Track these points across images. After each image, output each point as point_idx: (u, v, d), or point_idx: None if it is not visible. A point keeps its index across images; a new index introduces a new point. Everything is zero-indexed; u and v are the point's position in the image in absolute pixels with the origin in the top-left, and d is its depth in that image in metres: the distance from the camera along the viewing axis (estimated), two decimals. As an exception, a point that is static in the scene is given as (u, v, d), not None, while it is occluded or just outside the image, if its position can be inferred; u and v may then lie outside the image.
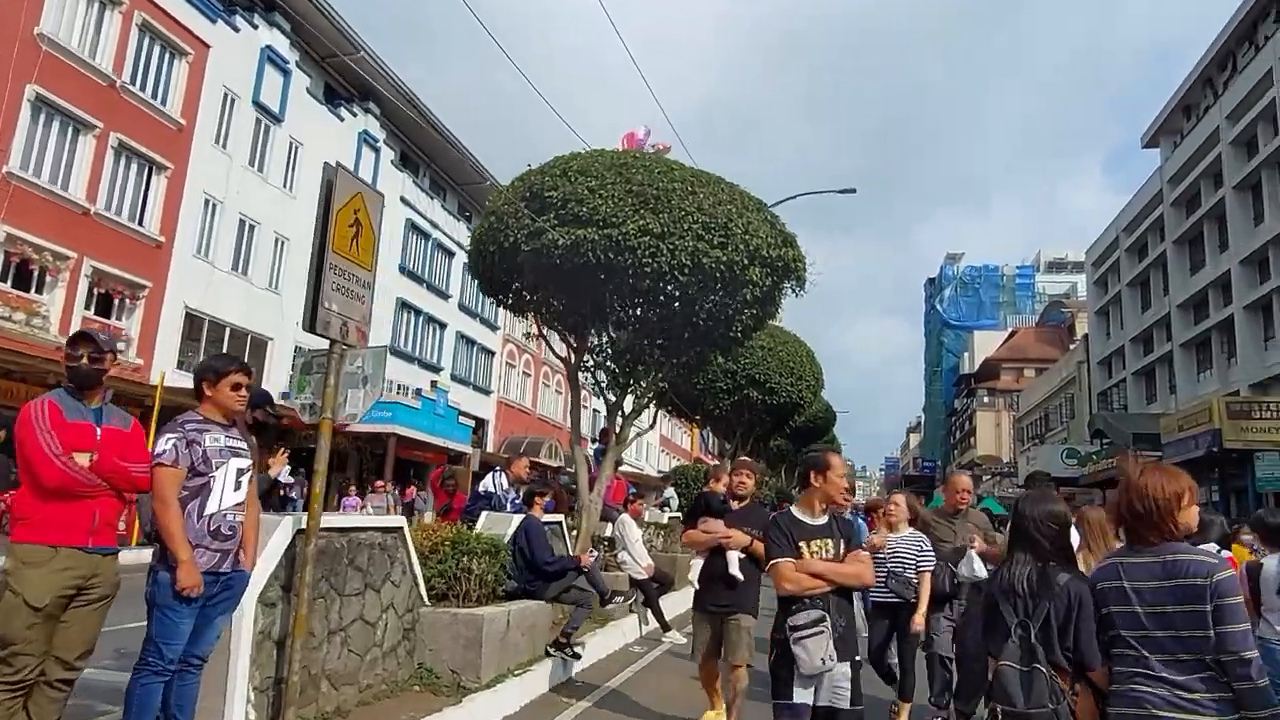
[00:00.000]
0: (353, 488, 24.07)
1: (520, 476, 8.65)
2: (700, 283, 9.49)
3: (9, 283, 18.84)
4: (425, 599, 6.19)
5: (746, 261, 9.52)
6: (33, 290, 19.38)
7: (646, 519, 13.10)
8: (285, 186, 27.34)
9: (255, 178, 26.13)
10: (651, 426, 13.28)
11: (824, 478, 4.08)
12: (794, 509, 4.16)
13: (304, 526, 4.56)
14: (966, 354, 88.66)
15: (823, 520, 4.05)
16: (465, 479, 8.16)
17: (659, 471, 56.23)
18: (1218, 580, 2.66)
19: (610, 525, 11.02)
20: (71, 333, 5.51)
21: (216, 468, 4.00)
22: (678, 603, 10.94)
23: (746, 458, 11.14)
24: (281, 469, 6.63)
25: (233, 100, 25.31)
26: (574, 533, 9.92)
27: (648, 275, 9.24)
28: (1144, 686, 2.73)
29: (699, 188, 9.50)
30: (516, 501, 8.52)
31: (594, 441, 13.09)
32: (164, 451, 3.87)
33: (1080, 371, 44.33)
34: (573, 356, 11.05)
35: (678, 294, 9.75)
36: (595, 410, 37.79)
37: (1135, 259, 38.26)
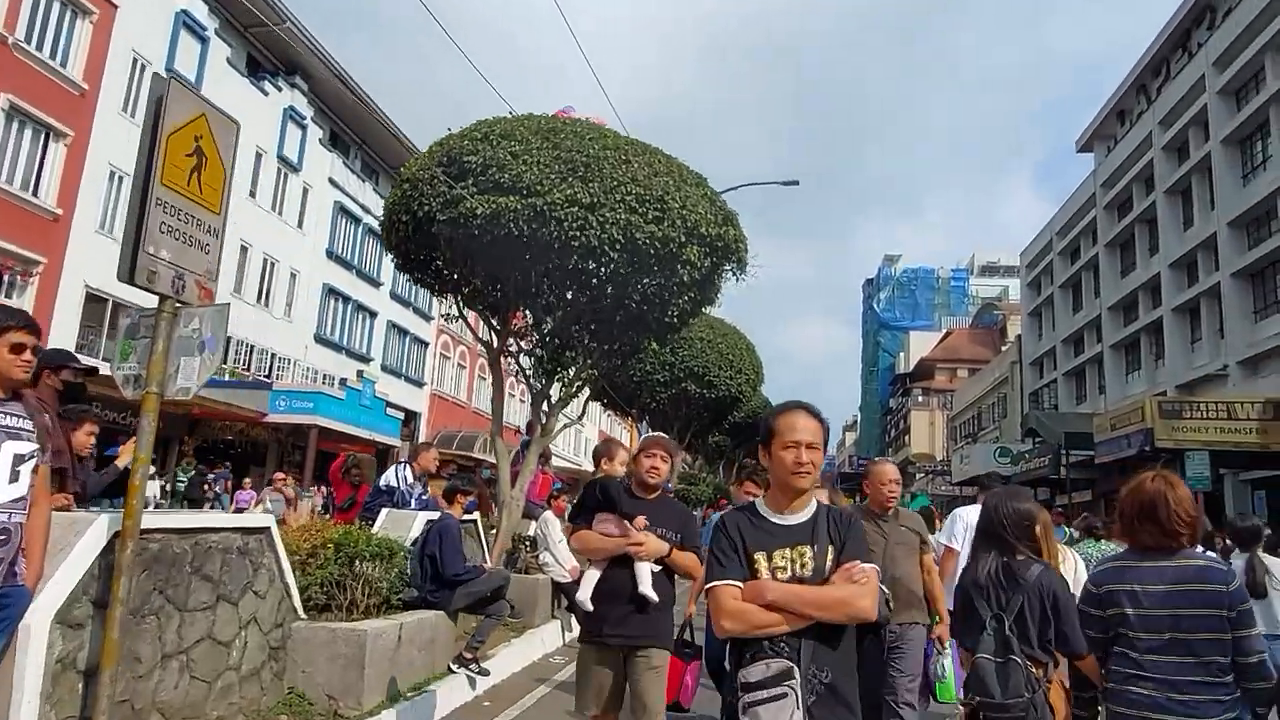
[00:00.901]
0: (247, 481, 22.29)
1: (428, 469, 7.73)
2: (633, 261, 8.72)
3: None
4: (300, 611, 5.29)
5: (684, 239, 8.78)
6: (-8, 293, 17.72)
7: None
8: (202, 162, 25.69)
9: (168, 151, 24.48)
10: (581, 417, 12.48)
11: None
12: (759, 501, 2.71)
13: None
14: (903, 354, 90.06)
15: (802, 517, 2.59)
16: (371, 470, 7.21)
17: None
18: (1234, 587, 2.77)
19: (533, 523, 10.18)
20: None
21: None
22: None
23: (660, 434, 10.23)
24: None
25: (142, 66, 23.64)
26: (493, 532, 9.07)
27: (575, 251, 8.43)
28: (1142, 688, 2.78)
29: (633, 157, 8.74)
30: (423, 498, 7.62)
31: (520, 433, 12.23)
32: None
33: (1013, 371, 44.91)
34: (495, 340, 10.17)
35: (608, 273, 8.96)
36: (524, 402, 36.73)
37: (1068, 261, 38.76)
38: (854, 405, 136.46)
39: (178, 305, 3.79)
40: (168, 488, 22.59)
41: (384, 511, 7.14)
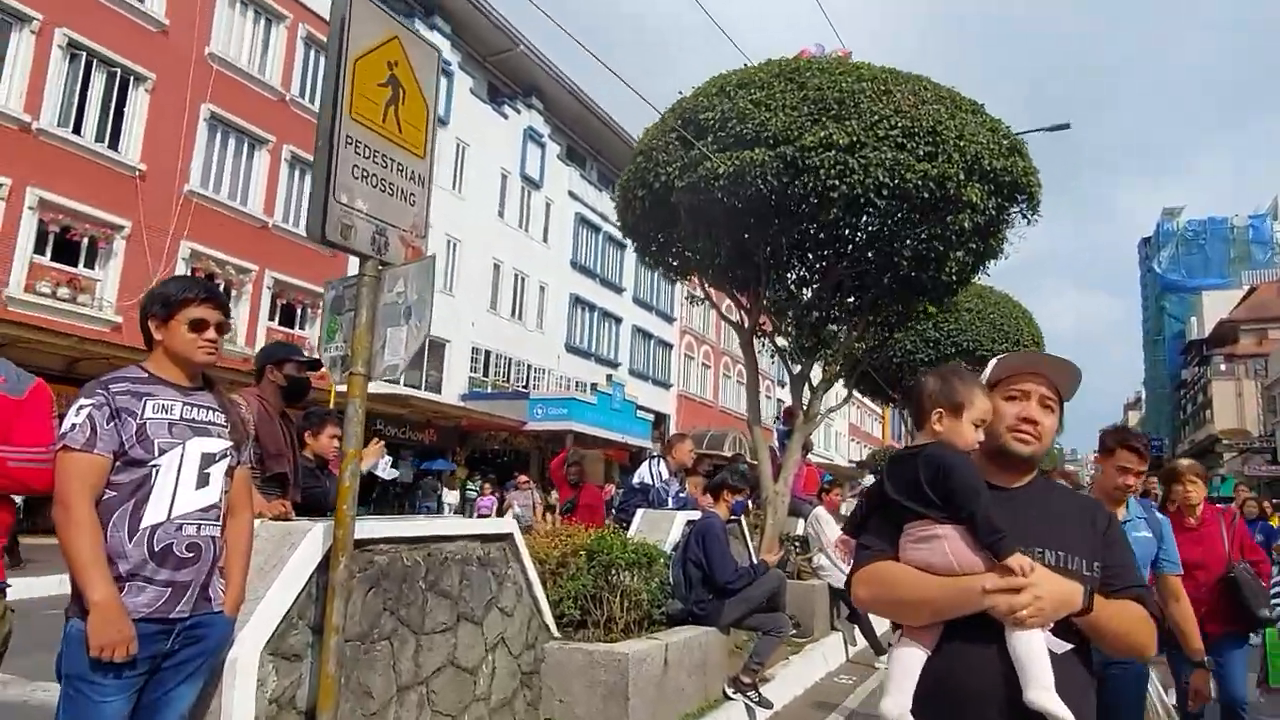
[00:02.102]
0: (486, 486, 22.35)
1: (684, 463, 6.87)
2: (903, 209, 7.36)
3: (197, 297, 19.40)
4: (552, 630, 4.57)
5: (963, 175, 7.27)
6: (219, 303, 19.86)
7: (844, 512, 11.03)
8: (453, 188, 27.20)
9: (423, 181, 26.12)
10: (848, 399, 11.12)
11: None
12: None
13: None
14: (1194, 318, 78.55)
15: None
16: (596, 467, 6.44)
17: (850, 461, 52.68)
18: None
19: (801, 522, 9.06)
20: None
21: (163, 452, 2.52)
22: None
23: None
24: (379, 461, 5.25)
25: (397, 105, 25.38)
26: (756, 532, 8.06)
27: (834, 203, 7.22)
28: None
29: (894, 86, 7.37)
30: (681, 495, 6.78)
31: (776, 420, 11.15)
32: (72, 427, 2.43)
33: (1364, 326, 36.97)
34: (745, 320, 9.17)
35: (873, 227, 7.66)
36: (778, 399, 35.76)
37: None
38: (1134, 382, 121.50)
39: (380, 267, 3.13)
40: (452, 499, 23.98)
41: (639, 512, 6.37)
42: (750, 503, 6.23)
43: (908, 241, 7.82)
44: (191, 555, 2.54)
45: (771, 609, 5.34)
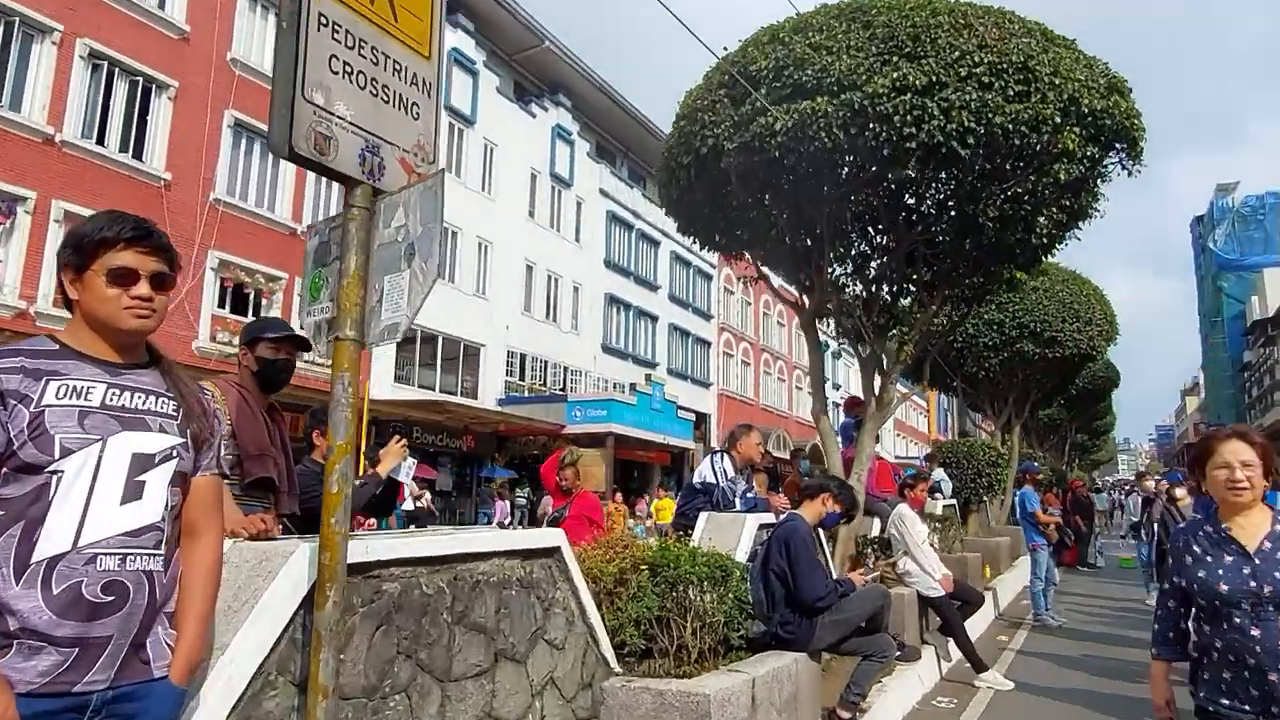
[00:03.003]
0: (503, 489, 20.47)
1: (752, 459, 5.97)
2: (990, 159, 6.41)
3: (226, 308, 18.97)
4: (613, 664, 3.73)
5: (1059, 118, 6.31)
6: (249, 313, 19.42)
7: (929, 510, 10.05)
8: (483, 190, 26.61)
9: (452, 181, 25.54)
10: (923, 381, 10.08)
11: None
12: None
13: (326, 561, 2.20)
14: (1255, 297, 75.79)
15: None
16: (595, 470, 5.42)
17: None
18: None
19: (877, 521, 8.13)
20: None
21: (68, 452, 1.74)
22: (972, 625, 7.74)
23: None
24: (401, 463, 4.46)
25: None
26: (830, 539, 7.14)
27: (911, 155, 6.31)
28: None
29: (975, 19, 6.44)
30: (749, 495, 5.90)
31: (837, 407, 10.20)
32: None
33: None
34: (805, 300, 8.26)
35: (953, 184, 6.73)
36: (807, 391, 34.68)
37: None
38: (1191, 367, 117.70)
39: (375, 194, 2.32)
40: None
41: (703, 516, 5.50)
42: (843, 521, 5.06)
43: (996, 196, 6.87)
44: (111, 599, 1.74)
45: (872, 630, 4.46)
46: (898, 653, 4.94)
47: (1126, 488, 27.78)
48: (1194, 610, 2.60)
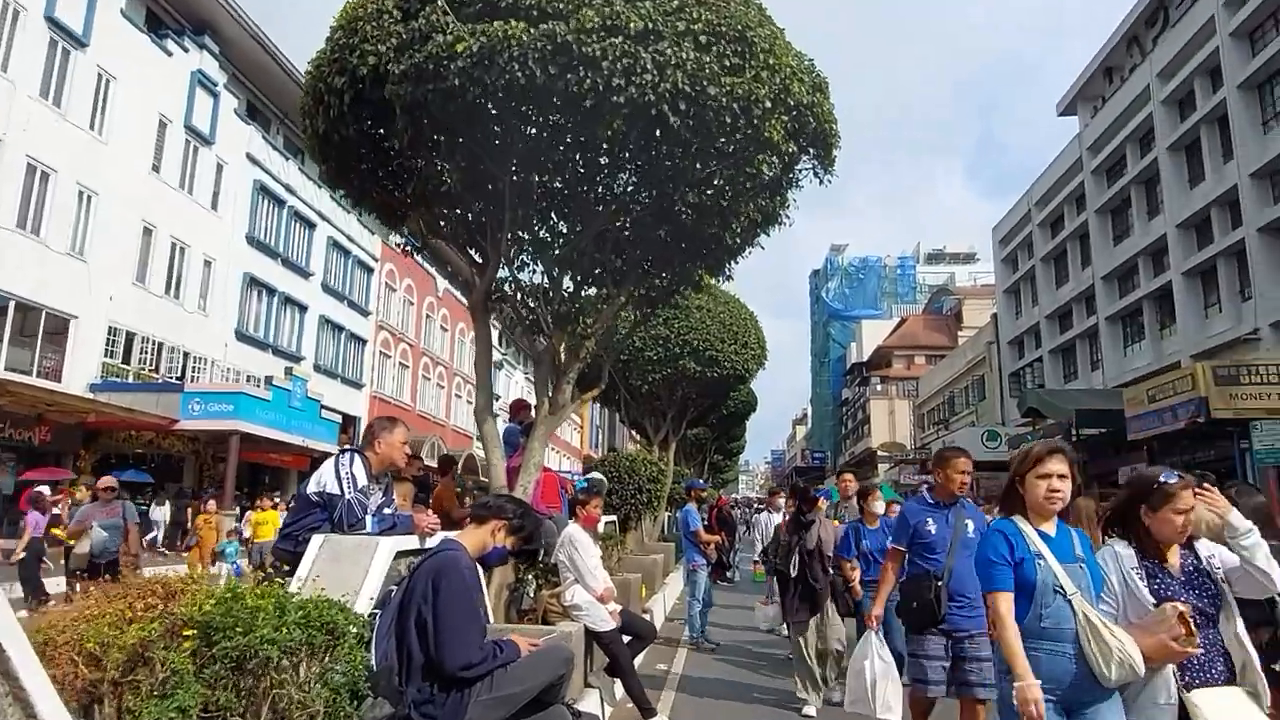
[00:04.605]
0: (40, 495, 13.10)
1: (394, 462, 4.38)
2: (700, 131, 5.66)
3: None
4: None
5: (770, 103, 5.74)
6: None
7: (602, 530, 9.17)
8: (92, 128, 21.78)
9: (50, 112, 20.51)
10: (600, 385, 9.14)
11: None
12: None
13: None
14: (854, 344, 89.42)
15: None
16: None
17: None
18: None
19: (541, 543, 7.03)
20: None
21: None
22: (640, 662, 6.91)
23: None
24: None
25: (16, 11, 19.71)
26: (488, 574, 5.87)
27: (618, 111, 5.33)
28: None
29: (695, -30, 5.66)
30: (390, 512, 4.37)
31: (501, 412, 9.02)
32: None
33: (990, 352, 42.97)
34: (476, 280, 6.94)
35: (658, 155, 5.89)
36: (469, 403, 33.45)
37: (1049, 233, 36.78)
38: (801, 400, 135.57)
39: None
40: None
41: (316, 540, 3.94)
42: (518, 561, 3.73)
43: (696, 186, 6.15)
44: None
45: (545, 702, 3.24)
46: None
47: (757, 505, 30.21)
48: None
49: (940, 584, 4.55)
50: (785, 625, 7.79)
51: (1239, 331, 22.99)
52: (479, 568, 3.36)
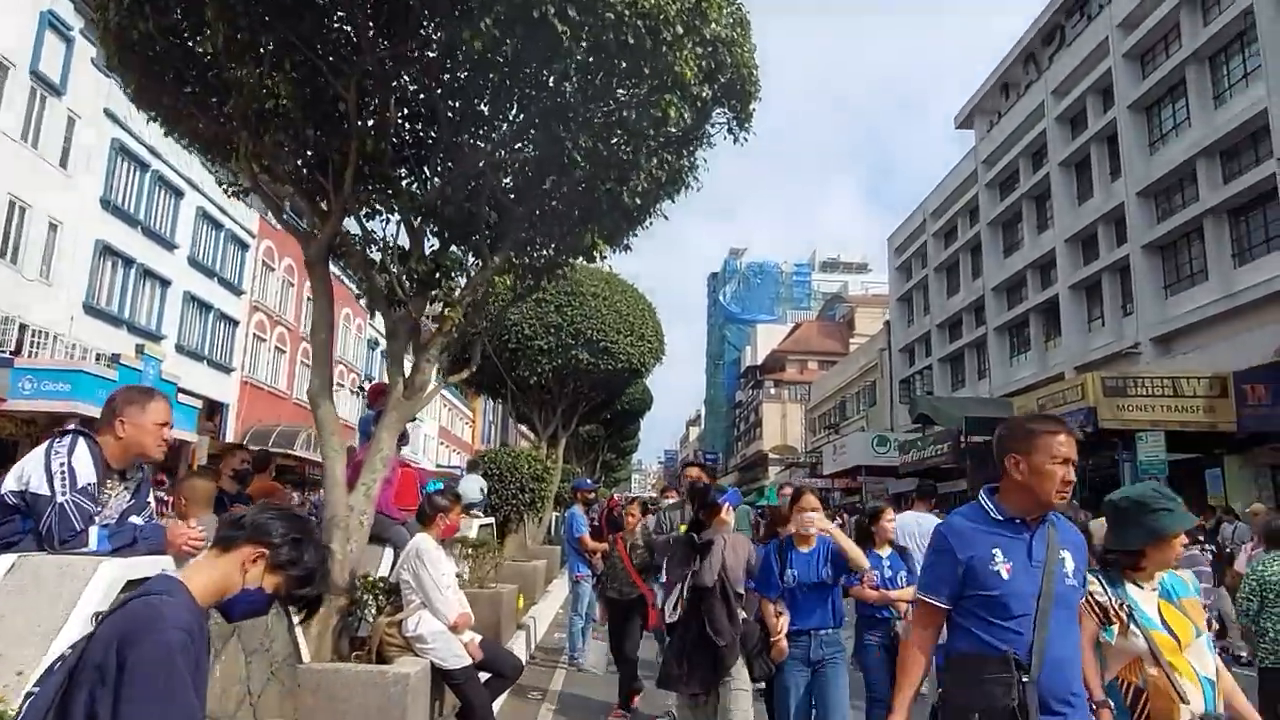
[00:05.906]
0: None
1: (145, 449, 2.92)
2: (596, 52, 4.60)
3: None
4: None
5: (680, 29, 4.73)
6: None
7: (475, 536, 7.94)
8: (-90, 63, 18.98)
9: None
10: (482, 361, 7.82)
11: None
12: None
13: None
14: (749, 347, 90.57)
15: None
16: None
17: (437, 465, 48.42)
18: None
19: (388, 553, 5.83)
20: None
21: None
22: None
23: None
24: None
25: None
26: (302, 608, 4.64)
27: (494, 8, 4.20)
28: None
29: None
30: (136, 521, 3.11)
31: (360, 395, 7.72)
32: None
33: (881, 359, 43.62)
34: (317, 228, 5.65)
35: (553, 86, 4.79)
36: (355, 395, 31.51)
37: (942, 244, 37.54)
38: (696, 401, 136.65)
39: None
40: None
41: (5, 561, 2.68)
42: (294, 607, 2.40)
43: (593, 124, 5.08)
44: None
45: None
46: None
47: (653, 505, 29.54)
48: None
49: (1026, 681, 2.43)
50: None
51: (1121, 345, 23.63)
52: (210, 624, 2.11)
